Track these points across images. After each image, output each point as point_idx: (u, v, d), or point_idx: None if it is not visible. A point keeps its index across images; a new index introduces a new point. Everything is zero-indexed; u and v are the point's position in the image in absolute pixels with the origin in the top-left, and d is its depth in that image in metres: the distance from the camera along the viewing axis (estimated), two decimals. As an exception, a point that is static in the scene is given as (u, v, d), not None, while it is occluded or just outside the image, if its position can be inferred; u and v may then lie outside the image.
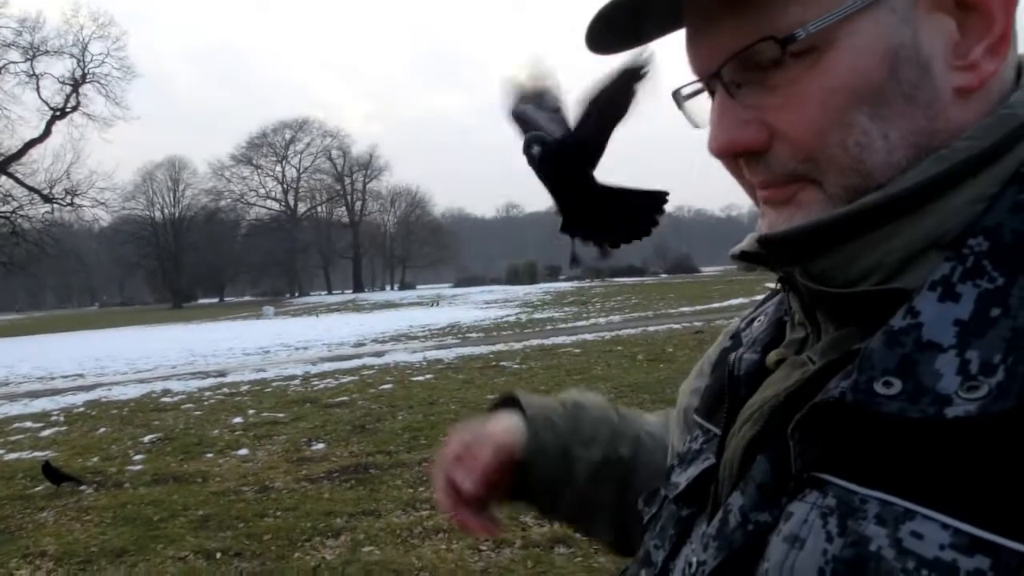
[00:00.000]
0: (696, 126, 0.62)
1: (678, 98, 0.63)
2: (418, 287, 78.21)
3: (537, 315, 27.86)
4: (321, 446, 7.49)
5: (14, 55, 41.87)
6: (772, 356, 0.63)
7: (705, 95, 0.61)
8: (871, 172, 0.52)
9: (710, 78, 0.57)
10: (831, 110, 0.51)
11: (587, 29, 0.59)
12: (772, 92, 0.54)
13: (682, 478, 0.69)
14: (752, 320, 0.75)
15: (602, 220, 1.05)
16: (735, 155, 0.57)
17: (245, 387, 12.31)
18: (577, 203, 1.03)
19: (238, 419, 9.23)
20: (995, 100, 0.53)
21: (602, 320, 22.75)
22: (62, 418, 10.35)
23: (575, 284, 54.56)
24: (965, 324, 0.46)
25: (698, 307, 23.63)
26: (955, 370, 0.45)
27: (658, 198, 1.04)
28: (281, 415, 9.33)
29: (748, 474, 0.57)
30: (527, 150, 0.98)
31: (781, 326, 0.67)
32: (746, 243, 0.60)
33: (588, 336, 17.04)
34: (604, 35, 0.60)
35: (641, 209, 1.05)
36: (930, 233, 0.51)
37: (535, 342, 16.52)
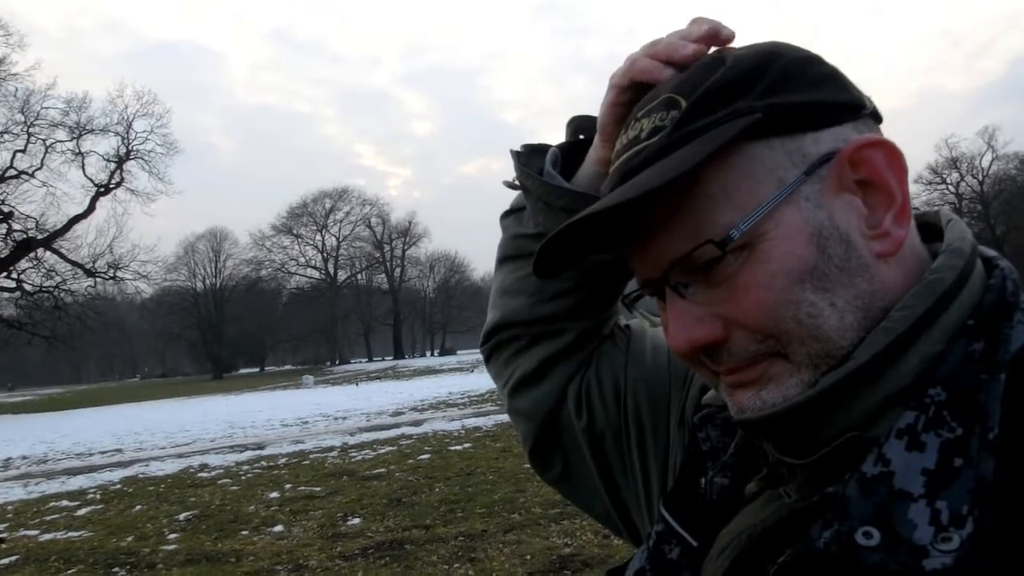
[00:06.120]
0: (652, 324, 0.70)
1: (626, 302, 0.69)
2: (459, 352, 78.22)
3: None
4: (357, 521, 7.35)
5: (61, 134, 43.04)
6: (751, 487, 0.67)
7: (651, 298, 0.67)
8: (829, 337, 0.57)
9: (657, 284, 0.63)
10: (776, 291, 0.56)
11: (535, 263, 0.65)
12: (718, 287, 0.59)
13: None
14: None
15: None
16: (696, 351, 0.61)
17: (283, 460, 12.24)
18: None
19: (274, 494, 9.13)
20: (912, 260, 0.60)
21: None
22: (99, 496, 10.35)
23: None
24: (932, 473, 0.51)
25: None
26: (927, 520, 0.50)
27: None
28: (318, 489, 9.22)
29: None
30: None
31: (749, 449, 0.69)
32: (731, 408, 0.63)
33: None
34: (549, 264, 0.65)
35: None
36: (889, 393, 0.56)
37: (575, 406, 16.21)
